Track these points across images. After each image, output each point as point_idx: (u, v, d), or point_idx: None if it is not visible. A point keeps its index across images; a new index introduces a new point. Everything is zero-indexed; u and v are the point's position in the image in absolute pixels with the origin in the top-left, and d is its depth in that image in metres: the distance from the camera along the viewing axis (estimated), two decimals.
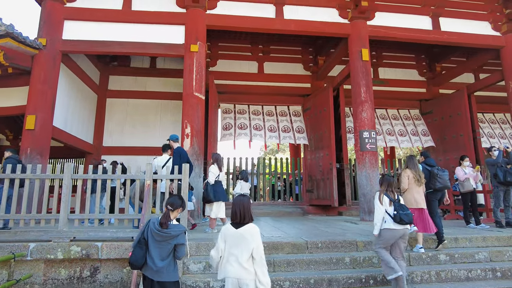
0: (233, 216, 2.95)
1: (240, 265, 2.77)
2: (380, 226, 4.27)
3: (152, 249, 2.93)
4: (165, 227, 2.95)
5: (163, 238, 2.94)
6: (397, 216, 4.13)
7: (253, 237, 2.83)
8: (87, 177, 4.92)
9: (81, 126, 9.67)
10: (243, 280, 2.76)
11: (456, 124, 11.03)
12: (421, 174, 5.32)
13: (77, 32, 8.01)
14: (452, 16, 9.59)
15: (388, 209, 4.24)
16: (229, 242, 2.87)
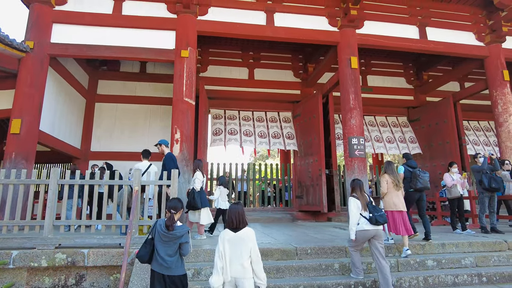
0: (230, 223, 3.19)
1: (241, 265, 3.04)
2: (355, 230, 4.46)
3: (159, 248, 3.20)
4: (171, 229, 3.18)
5: (169, 239, 3.20)
6: (373, 218, 4.33)
7: (250, 239, 3.14)
8: (74, 183, 4.83)
9: (69, 130, 9.52)
10: (240, 279, 3.03)
11: (443, 131, 11.24)
12: (399, 179, 5.50)
13: (66, 35, 7.92)
14: (438, 26, 9.83)
15: (363, 212, 4.45)
16: (229, 246, 3.11)
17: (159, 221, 3.31)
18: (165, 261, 3.16)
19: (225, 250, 3.09)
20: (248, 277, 3.04)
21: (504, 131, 9.31)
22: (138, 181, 4.86)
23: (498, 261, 5.27)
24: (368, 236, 4.38)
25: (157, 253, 3.19)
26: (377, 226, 4.35)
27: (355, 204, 4.53)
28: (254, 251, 3.12)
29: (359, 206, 4.50)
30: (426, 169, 11.89)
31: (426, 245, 5.46)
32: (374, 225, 4.33)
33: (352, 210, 4.52)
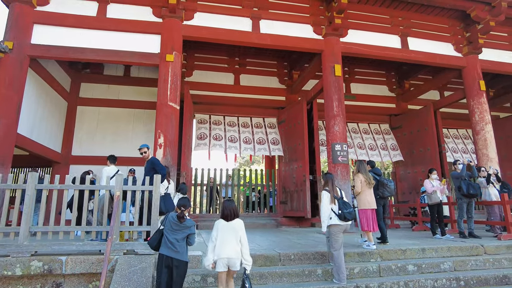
0: (225, 216, 3.86)
1: (233, 248, 3.71)
2: (327, 223, 4.76)
3: (169, 235, 3.72)
4: (182, 221, 3.75)
5: (179, 228, 3.74)
6: (342, 215, 4.70)
7: (240, 227, 3.84)
8: (53, 188, 4.70)
9: (49, 134, 9.27)
10: (231, 259, 3.69)
11: (424, 138, 11.52)
12: (371, 177, 5.98)
13: (47, 37, 7.75)
14: (419, 36, 10.13)
15: (333, 208, 4.78)
16: (222, 231, 3.79)
17: (170, 214, 3.86)
18: (174, 245, 3.66)
19: (218, 235, 3.78)
20: (237, 257, 3.71)
21: (481, 139, 9.62)
22: (119, 186, 4.76)
23: (475, 265, 5.41)
24: (342, 230, 4.74)
25: (167, 240, 3.69)
26: (345, 222, 4.73)
27: (327, 198, 4.82)
28: (243, 238, 3.80)
29: (328, 200, 4.81)
30: (408, 175, 12.18)
31: (407, 250, 5.55)
32: (342, 221, 4.69)
33: (325, 203, 4.80)
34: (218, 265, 3.69)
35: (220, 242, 3.72)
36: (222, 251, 3.68)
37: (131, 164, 9.42)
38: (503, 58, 10.69)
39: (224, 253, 3.67)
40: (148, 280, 4.11)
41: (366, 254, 5.36)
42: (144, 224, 4.86)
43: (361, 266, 4.98)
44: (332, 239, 4.73)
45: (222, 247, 3.69)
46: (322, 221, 4.80)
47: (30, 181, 4.61)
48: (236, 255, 3.69)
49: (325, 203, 4.79)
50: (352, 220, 4.76)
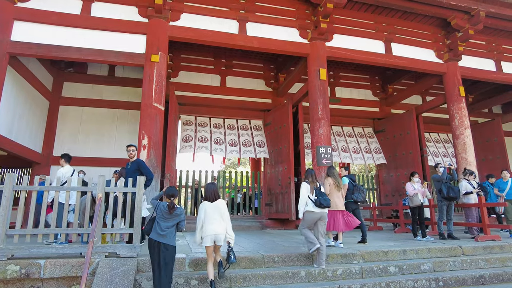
0: (209, 198, 4.45)
1: (218, 225, 4.28)
2: (303, 210, 5.26)
3: (161, 222, 4.07)
4: (173, 211, 4.08)
5: (171, 217, 4.12)
6: (317, 201, 5.13)
7: (223, 206, 4.44)
8: (32, 189, 4.58)
9: (29, 134, 9.04)
10: (218, 235, 4.27)
11: (406, 142, 11.77)
12: (340, 181, 6.46)
13: (29, 34, 7.56)
14: (402, 42, 10.36)
15: (311, 196, 5.24)
16: (208, 211, 4.35)
17: (161, 203, 4.18)
18: (162, 230, 4.03)
19: (205, 215, 4.32)
20: (222, 233, 4.30)
21: (460, 143, 9.90)
22: (102, 187, 4.69)
23: (454, 266, 5.56)
24: (315, 218, 5.18)
25: (158, 226, 4.06)
26: (322, 209, 5.16)
27: (306, 188, 5.31)
28: (226, 215, 4.41)
29: (308, 190, 5.29)
30: (390, 178, 12.42)
31: (389, 252, 5.66)
32: (318, 207, 5.12)
33: (303, 192, 5.29)
34: (206, 240, 4.24)
35: (208, 220, 4.29)
36: (210, 228, 4.25)
37: (114, 165, 9.28)
38: (482, 65, 11.06)
39: (212, 230, 4.24)
40: (130, 283, 4.05)
41: (349, 256, 5.44)
42: (126, 227, 4.79)
43: (344, 267, 5.05)
44: (303, 224, 5.27)
45: (209, 225, 4.27)
46: (299, 207, 5.33)
47: (8, 182, 4.48)
48: (221, 230, 4.30)
49: (304, 192, 5.28)
50: (327, 207, 5.19)
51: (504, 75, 11.20)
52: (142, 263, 4.53)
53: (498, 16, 9.90)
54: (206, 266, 4.42)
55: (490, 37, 11.35)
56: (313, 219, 5.17)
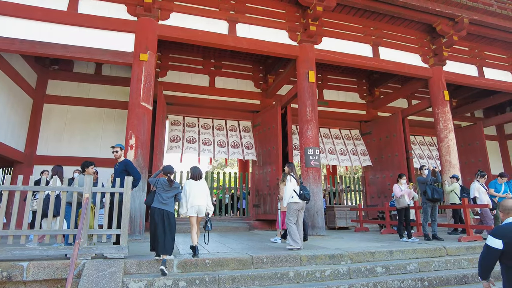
0: (195, 177, 5.32)
1: (202, 199, 5.17)
2: (288, 200, 5.94)
3: (162, 194, 4.83)
4: (172, 183, 4.92)
5: (170, 189, 4.90)
6: (302, 195, 5.88)
7: (205, 184, 5.41)
8: (15, 189, 4.45)
9: (11, 132, 8.79)
10: (200, 206, 5.16)
11: (392, 144, 11.97)
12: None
13: (11, 29, 7.37)
14: (389, 46, 10.56)
15: (295, 188, 5.93)
16: (193, 188, 5.20)
17: (160, 179, 4.94)
18: (164, 200, 4.80)
19: (190, 191, 5.16)
20: (204, 205, 5.17)
21: (445, 146, 10.14)
22: (88, 188, 4.59)
23: (438, 266, 5.67)
24: (299, 208, 5.94)
25: (160, 197, 4.80)
26: (303, 201, 5.93)
27: (294, 181, 6.01)
28: (207, 192, 5.32)
29: (295, 184, 5.97)
30: (376, 180, 12.60)
31: (376, 252, 5.72)
32: (302, 200, 5.89)
33: (290, 185, 5.95)
34: (190, 211, 5.12)
35: (193, 195, 5.13)
36: (194, 201, 5.12)
37: (101, 165, 9.08)
38: (465, 71, 11.37)
39: (196, 202, 5.13)
40: (118, 285, 3.98)
41: (337, 257, 5.48)
42: (114, 227, 4.71)
43: (332, 268, 5.08)
44: (289, 214, 5.90)
45: (195, 199, 5.13)
46: (284, 198, 6.05)
47: None
48: (203, 203, 5.17)
49: (291, 185, 5.96)
50: (309, 199, 6.00)
51: (486, 80, 11.53)
52: (129, 265, 4.46)
53: (481, 23, 10.21)
54: (194, 267, 4.49)
55: (473, 44, 11.68)
56: (297, 208, 5.93)
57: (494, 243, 2.62)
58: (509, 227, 2.64)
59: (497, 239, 2.61)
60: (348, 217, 11.14)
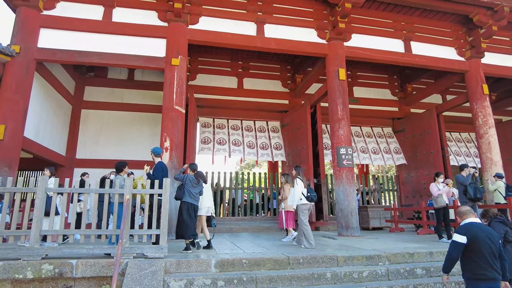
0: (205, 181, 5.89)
1: (210, 200, 6.25)
2: (297, 203, 6.28)
3: (191, 190, 5.50)
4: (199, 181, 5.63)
5: (197, 186, 5.60)
6: (310, 197, 6.27)
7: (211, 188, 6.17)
8: (63, 191, 4.71)
9: (54, 137, 9.29)
10: (210, 207, 6.21)
11: (427, 142, 11.55)
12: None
13: (53, 40, 7.80)
14: (422, 40, 10.18)
15: (303, 190, 6.29)
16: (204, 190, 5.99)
17: (188, 175, 5.58)
18: (195, 196, 5.55)
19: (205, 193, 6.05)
20: (212, 206, 6.26)
21: (485, 142, 9.65)
22: (129, 189, 4.78)
23: None
24: (307, 208, 6.30)
25: (191, 192, 5.50)
26: (310, 202, 6.32)
27: (300, 185, 6.35)
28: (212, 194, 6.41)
29: (302, 186, 6.33)
30: (411, 179, 12.22)
31: (414, 253, 5.56)
32: (309, 201, 6.27)
33: (299, 188, 6.32)
34: (203, 211, 6.03)
35: (205, 196, 6.03)
36: (206, 202, 6.07)
37: (135, 167, 9.39)
38: (506, 62, 10.76)
39: (207, 204, 6.11)
40: (159, 284, 4.11)
41: (374, 258, 5.36)
42: (153, 228, 4.86)
43: (370, 269, 4.99)
44: (303, 215, 6.23)
45: (206, 200, 6.10)
46: (293, 200, 6.35)
47: (40, 185, 4.62)
48: (212, 204, 6.24)
49: (299, 188, 6.32)
50: (315, 201, 6.47)
51: None
52: (169, 264, 4.59)
53: None
54: (231, 267, 4.62)
55: None
56: (308, 209, 6.33)
57: (460, 238, 3.22)
58: (469, 226, 3.28)
59: (462, 235, 3.22)
60: (382, 217, 10.86)
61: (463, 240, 3.20)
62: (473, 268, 3.20)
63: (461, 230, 3.29)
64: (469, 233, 3.21)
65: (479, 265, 3.14)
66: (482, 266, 3.13)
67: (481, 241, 3.16)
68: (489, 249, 3.14)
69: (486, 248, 3.14)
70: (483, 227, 3.33)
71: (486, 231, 3.26)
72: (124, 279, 4.18)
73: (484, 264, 3.12)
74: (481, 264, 3.13)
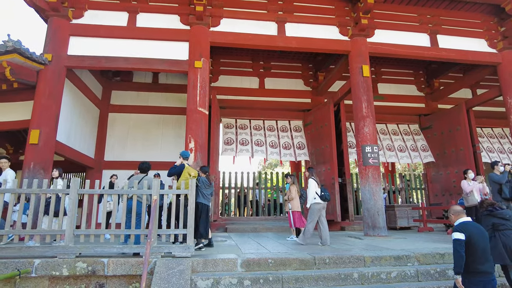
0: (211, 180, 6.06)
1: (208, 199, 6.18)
2: (311, 202, 6.44)
3: (204, 191, 5.78)
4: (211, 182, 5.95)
5: (209, 187, 5.87)
6: (323, 196, 6.41)
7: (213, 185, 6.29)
8: (94, 192, 4.89)
9: (83, 140, 9.67)
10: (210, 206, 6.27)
11: (456, 138, 11.13)
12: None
13: (82, 47, 8.12)
14: (449, 33, 9.82)
15: (317, 190, 6.46)
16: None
17: (201, 177, 5.86)
18: (208, 197, 5.82)
19: None
20: None
21: None
22: (156, 190, 4.90)
23: None
24: (320, 207, 6.45)
25: (204, 194, 5.80)
26: (324, 202, 6.45)
27: (315, 183, 6.53)
28: None
29: (316, 186, 6.49)
30: (440, 177, 11.81)
31: (445, 254, 5.37)
32: (323, 201, 6.41)
33: (312, 188, 6.47)
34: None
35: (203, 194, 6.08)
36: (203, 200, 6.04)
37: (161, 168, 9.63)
38: None
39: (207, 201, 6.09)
40: (187, 283, 4.19)
41: (402, 258, 5.23)
42: (180, 227, 4.96)
43: (398, 270, 4.87)
44: (312, 213, 6.41)
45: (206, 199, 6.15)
46: (308, 200, 6.53)
47: (73, 186, 4.82)
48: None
49: (313, 187, 6.49)
50: (329, 200, 6.50)
51: None
52: (196, 263, 4.67)
53: None
54: (257, 266, 4.65)
55: None
56: (320, 208, 6.44)
57: (461, 236, 3.46)
58: (466, 224, 3.56)
59: (461, 233, 3.47)
60: (410, 216, 10.55)
61: (463, 237, 3.43)
62: (468, 263, 3.40)
63: (460, 228, 3.55)
64: (467, 231, 3.46)
65: (473, 261, 3.38)
66: (475, 261, 3.37)
67: (476, 238, 3.42)
68: (482, 246, 3.41)
69: (480, 245, 3.40)
70: (477, 225, 3.62)
71: (479, 229, 3.55)
72: (152, 277, 4.29)
73: (478, 259, 3.36)
74: (475, 260, 3.37)
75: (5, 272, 4.25)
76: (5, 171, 6.14)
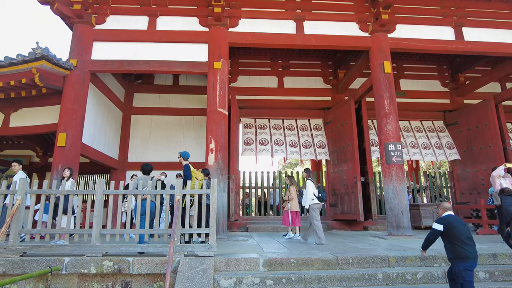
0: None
1: None
2: (309, 203, 6.74)
3: None
4: None
5: None
6: (321, 197, 6.76)
7: None
8: (118, 193, 5.02)
9: (107, 142, 9.94)
10: None
11: (484, 135, 10.70)
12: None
13: (105, 52, 8.36)
14: (475, 25, 9.44)
15: (314, 191, 6.76)
16: None
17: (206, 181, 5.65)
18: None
19: None
20: None
21: None
22: (179, 190, 4.97)
23: None
24: (319, 208, 6.77)
25: None
26: (321, 202, 6.79)
27: (312, 185, 6.82)
28: None
29: (314, 187, 6.78)
30: (467, 175, 11.40)
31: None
32: (320, 201, 6.74)
33: (310, 189, 6.77)
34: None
35: None
36: None
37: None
38: None
39: None
40: (210, 282, 4.23)
41: (428, 259, 5.08)
42: (202, 227, 5.02)
43: (424, 271, 4.74)
44: (314, 213, 6.66)
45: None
46: (306, 201, 6.82)
47: (98, 187, 4.97)
48: None
49: (311, 189, 6.77)
50: (325, 201, 6.98)
51: None
52: (218, 262, 4.71)
53: None
54: (280, 266, 4.65)
55: None
56: (319, 208, 6.78)
57: (438, 226, 3.88)
58: (447, 218, 3.91)
59: (440, 224, 3.88)
60: (435, 215, 10.23)
61: (440, 228, 3.85)
62: (453, 250, 3.80)
63: (440, 220, 3.94)
64: (446, 222, 3.86)
65: (457, 247, 3.75)
66: (459, 247, 3.73)
67: (455, 226, 3.79)
68: (462, 233, 3.76)
69: (460, 232, 3.76)
70: (457, 218, 3.98)
71: (459, 220, 3.92)
72: (176, 276, 4.36)
73: (461, 245, 3.72)
74: (458, 245, 3.73)
75: (38, 269, 4.43)
76: (17, 173, 6.53)
